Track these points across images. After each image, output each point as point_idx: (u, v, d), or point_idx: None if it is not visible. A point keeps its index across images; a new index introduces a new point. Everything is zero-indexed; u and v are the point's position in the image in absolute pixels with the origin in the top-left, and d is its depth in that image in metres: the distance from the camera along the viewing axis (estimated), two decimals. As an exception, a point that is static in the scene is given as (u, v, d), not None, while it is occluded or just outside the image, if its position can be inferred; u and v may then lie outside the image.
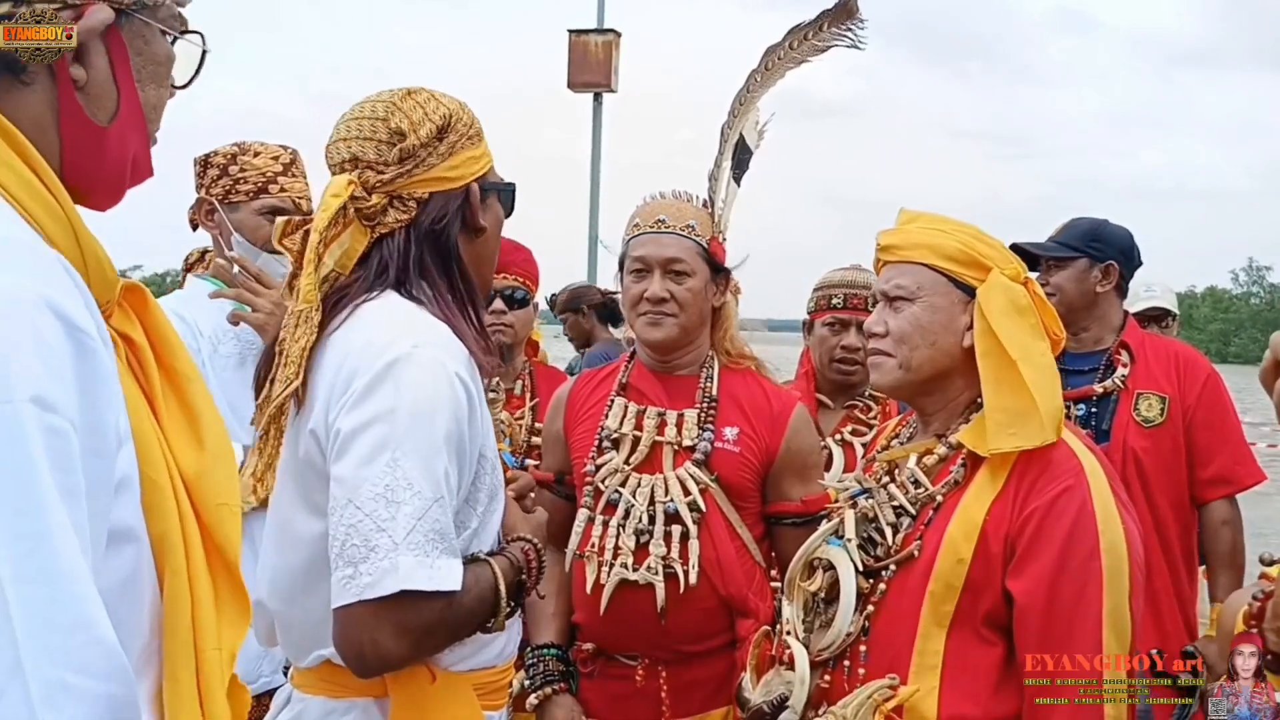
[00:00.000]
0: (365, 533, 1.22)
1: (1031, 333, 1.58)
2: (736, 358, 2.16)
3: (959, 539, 1.51)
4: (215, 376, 2.08)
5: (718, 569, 2.00)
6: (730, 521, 2.05)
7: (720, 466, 2.04)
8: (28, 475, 0.70)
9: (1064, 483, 1.49)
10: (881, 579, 1.59)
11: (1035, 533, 1.47)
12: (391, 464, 1.24)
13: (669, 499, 2.01)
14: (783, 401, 2.13)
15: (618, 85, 18.72)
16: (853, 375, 2.64)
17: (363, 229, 1.42)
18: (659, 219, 2.10)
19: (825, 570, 1.64)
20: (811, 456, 2.17)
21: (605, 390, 2.19)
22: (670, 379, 2.14)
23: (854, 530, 1.63)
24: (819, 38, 2.15)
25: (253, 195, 2.13)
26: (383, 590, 1.21)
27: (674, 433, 2.07)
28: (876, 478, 1.71)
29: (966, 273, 1.62)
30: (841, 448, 2.60)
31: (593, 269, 20.31)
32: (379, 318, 1.38)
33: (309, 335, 1.36)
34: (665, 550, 1.99)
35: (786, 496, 2.09)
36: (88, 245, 0.87)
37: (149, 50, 0.93)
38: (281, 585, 1.44)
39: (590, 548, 2.04)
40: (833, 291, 2.68)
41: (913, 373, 1.63)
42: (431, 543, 1.24)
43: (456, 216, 1.45)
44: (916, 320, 1.62)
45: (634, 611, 1.99)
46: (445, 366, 1.33)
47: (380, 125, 1.41)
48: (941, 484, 1.59)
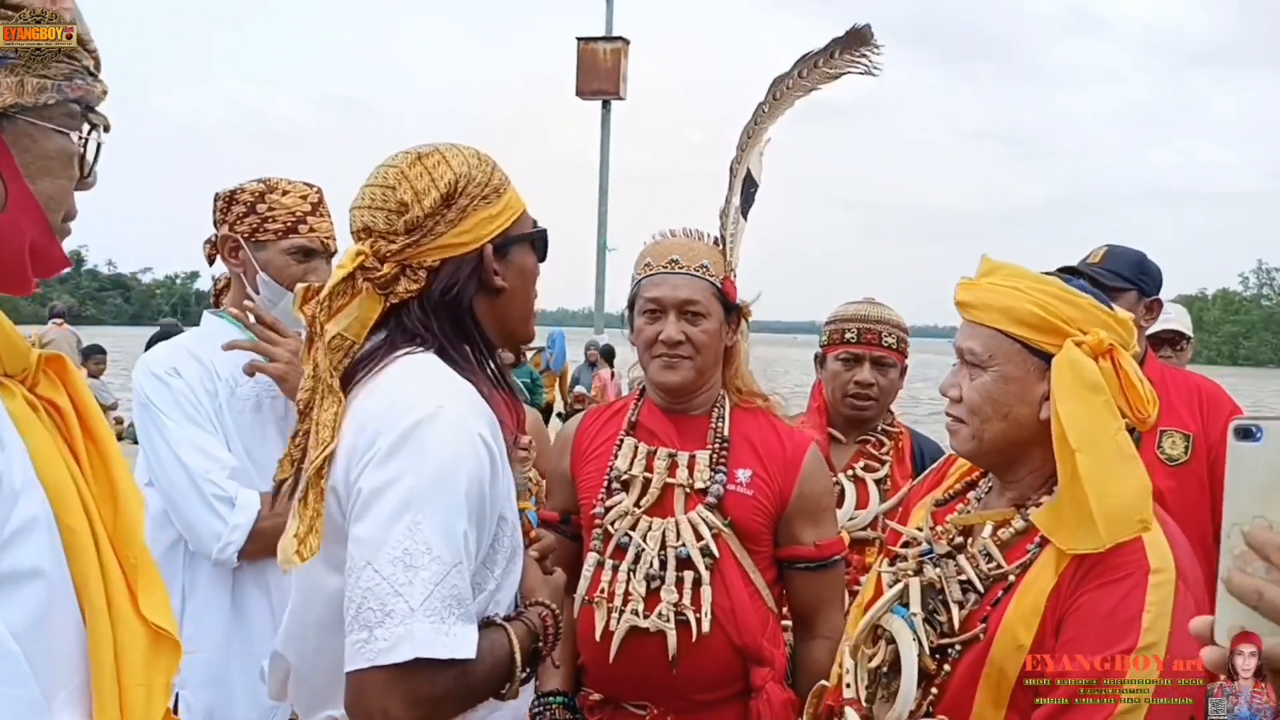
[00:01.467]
0: (382, 596, 1.21)
1: (1102, 411, 1.43)
2: (747, 396, 2.13)
3: (1017, 623, 1.43)
4: (232, 421, 2.04)
5: (731, 616, 1.96)
6: (743, 567, 2.01)
7: (733, 510, 2.00)
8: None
9: (1121, 572, 1.39)
10: (948, 658, 1.51)
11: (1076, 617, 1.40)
12: (411, 527, 1.23)
13: (681, 544, 1.98)
14: (795, 443, 2.09)
15: (626, 92, 18.75)
16: (866, 410, 2.61)
17: (376, 297, 1.41)
18: (672, 259, 2.07)
19: (889, 643, 1.56)
20: (825, 499, 2.13)
21: (614, 429, 2.15)
22: (681, 419, 2.10)
23: (919, 603, 1.55)
24: (830, 65, 2.11)
25: (281, 234, 2.09)
26: (397, 657, 1.20)
27: (685, 475, 2.03)
28: (949, 537, 1.62)
29: (1043, 339, 1.49)
30: (854, 483, 2.57)
31: (601, 275, 20.33)
32: (404, 377, 1.37)
33: (337, 404, 1.36)
34: (677, 597, 1.95)
35: (799, 540, 2.05)
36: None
37: (36, 147, 0.97)
38: (296, 639, 1.44)
39: (599, 593, 2.00)
40: (846, 326, 2.64)
41: (987, 445, 1.54)
42: (448, 608, 1.23)
43: (470, 280, 1.43)
44: (988, 391, 1.53)
45: (644, 659, 1.96)
46: (469, 428, 1.31)
47: (389, 195, 1.40)
48: (1016, 564, 1.50)
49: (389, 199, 1.40)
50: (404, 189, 1.39)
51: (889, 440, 2.64)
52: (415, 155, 1.43)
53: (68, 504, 0.96)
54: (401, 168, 1.42)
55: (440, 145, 1.46)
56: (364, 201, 1.43)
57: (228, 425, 2.04)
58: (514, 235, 1.48)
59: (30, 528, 0.91)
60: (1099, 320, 1.50)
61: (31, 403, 0.98)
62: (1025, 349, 1.50)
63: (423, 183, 1.40)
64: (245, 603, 2.02)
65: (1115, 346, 1.48)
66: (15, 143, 0.95)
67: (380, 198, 1.41)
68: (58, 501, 0.95)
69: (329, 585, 1.34)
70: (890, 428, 2.67)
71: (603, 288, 19.98)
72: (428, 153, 1.43)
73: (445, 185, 1.40)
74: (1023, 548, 1.51)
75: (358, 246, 1.41)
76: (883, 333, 2.62)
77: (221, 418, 2.04)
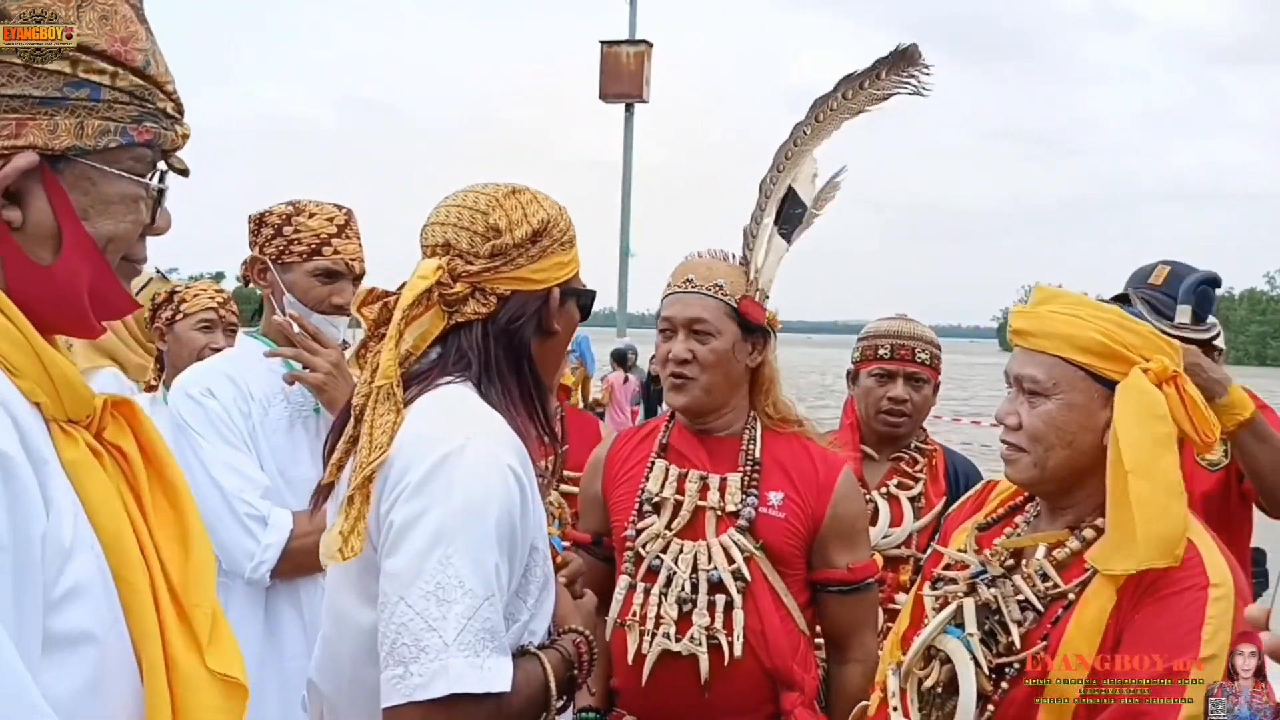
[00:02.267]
0: (416, 632, 1.21)
1: (1159, 443, 1.45)
2: (780, 422, 2.11)
3: (1079, 639, 1.43)
4: (266, 440, 2.06)
5: (762, 640, 1.95)
6: (775, 590, 1.99)
7: (765, 533, 1.99)
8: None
9: (1182, 586, 1.40)
10: (1005, 677, 1.50)
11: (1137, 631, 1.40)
12: (443, 561, 1.23)
13: (712, 567, 1.97)
14: (829, 465, 2.07)
15: (649, 95, 18.77)
16: (899, 427, 2.58)
17: (441, 313, 1.43)
18: (687, 279, 2.07)
19: (943, 663, 1.55)
20: (859, 522, 2.11)
21: (645, 451, 2.14)
22: (711, 440, 2.09)
23: (975, 624, 1.54)
24: (876, 85, 2.09)
25: (306, 256, 2.11)
26: (433, 693, 1.20)
27: (717, 497, 2.02)
28: (1000, 559, 1.61)
29: (1107, 366, 1.50)
30: (887, 501, 2.54)
31: (624, 279, 20.36)
32: (435, 409, 1.37)
33: (396, 413, 1.36)
34: (709, 620, 1.95)
35: (832, 563, 2.03)
36: (53, 368, 0.92)
37: (96, 190, 0.95)
38: (331, 670, 1.44)
39: (632, 616, 2.00)
40: (879, 342, 2.62)
41: (1048, 473, 1.54)
42: (482, 642, 1.23)
43: (533, 318, 1.46)
44: (1051, 419, 1.52)
45: (676, 682, 1.95)
46: (498, 460, 1.31)
47: (479, 218, 1.43)
48: (1075, 582, 1.50)
49: (477, 221, 1.43)
50: (498, 215, 1.43)
51: (922, 457, 2.61)
52: (510, 189, 1.47)
53: (127, 558, 0.94)
54: (496, 196, 1.45)
55: (530, 187, 1.50)
56: (447, 219, 1.45)
57: (261, 445, 2.06)
58: (573, 287, 1.52)
59: (83, 589, 0.89)
60: (1159, 347, 1.51)
61: (95, 449, 0.95)
62: (1089, 376, 1.51)
63: (517, 214, 1.44)
64: (278, 622, 2.03)
65: (1179, 373, 1.50)
66: (74, 185, 0.94)
67: (468, 219, 1.43)
68: (115, 556, 0.93)
69: (361, 618, 1.34)
70: (924, 445, 2.64)
71: (625, 289, 20.00)
72: (521, 189, 1.48)
73: (537, 222, 1.44)
74: (1079, 567, 1.50)
75: (436, 261, 1.42)
76: (916, 349, 2.59)
77: (255, 438, 2.06)
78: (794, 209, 2.13)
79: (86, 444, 0.95)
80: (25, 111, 0.90)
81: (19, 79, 0.90)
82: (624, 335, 16.88)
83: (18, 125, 0.90)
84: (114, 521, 0.93)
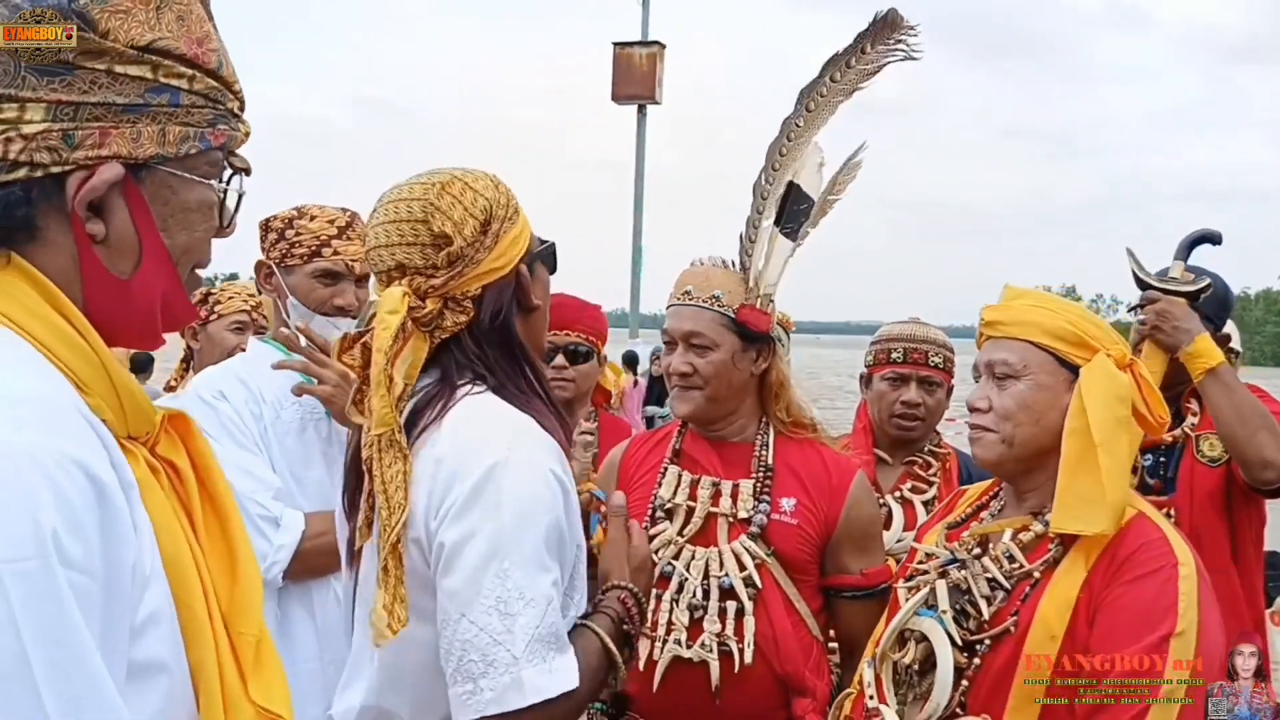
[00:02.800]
0: (482, 647, 1.22)
1: (1121, 424, 1.57)
2: (793, 427, 2.09)
3: (1051, 616, 1.51)
4: (277, 443, 2.07)
5: (774, 647, 1.94)
6: (787, 596, 1.98)
7: (777, 539, 1.98)
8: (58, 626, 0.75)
9: (1153, 566, 1.48)
10: (976, 653, 1.57)
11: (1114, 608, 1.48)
12: (501, 575, 1.23)
13: (724, 574, 1.96)
14: (842, 470, 2.06)
15: (662, 97, 18.76)
16: (913, 431, 2.58)
17: (422, 336, 1.37)
18: (685, 290, 2.06)
19: (918, 642, 1.62)
20: (873, 527, 2.10)
21: (659, 456, 2.14)
22: (724, 446, 2.08)
23: (947, 601, 1.61)
24: (865, 60, 2.04)
25: (306, 259, 2.12)
26: (507, 706, 1.21)
27: (729, 504, 2.01)
28: (967, 548, 1.68)
29: (1073, 352, 1.63)
30: (901, 505, 2.54)
31: (636, 280, 20.37)
32: (470, 421, 1.33)
33: (403, 461, 1.31)
34: (720, 627, 1.94)
35: (846, 569, 2.02)
36: (122, 385, 0.89)
37: (176, 199, 0.93)
38: (397, 689, 1.39)
39: (643, 623, 1.99)
40: (892, 345, 2.61)
41: (1016, 449, 1.64)
42: (548, 647, 1.24)
43: (512, 302, 1.41)
44: (1022, 398, 1.63)
45: (687, 689, 1.94)
46: (541, 466, 1.30)
47: (422, 229, 1.35)
48: (1039, 561, 1.59)
49: (421, 232, 1.35)
50: (439, 220, 1.35)
51: (936, 461, 2.61)
52: (438, 185, 1.37)
53: (187, 583, 0.90)
54: (428, 200, 1.36)
55: (453, 171, 1.41)
56: (390, 239, 1.37)
57: (273, 448, 2.07)
58: (535, 252, 1.47)
59: (157, 616, 0.86)
60: (1115, 340, 1.66)
61: (152, 465, 0.93)
62: (1056, 360, 1.63)
63: (458, 212, 1.35)
64: (291, 623, 2.03)
65: (1135, 360, 1.65)
66: (155, 195, 0.92)
67: (410, 233, 1.35)
68: (177, 580, 0.89)
69: (420, 635, 1.30)
70: (937, 448, 2.64)
71: (637, 290, 20.01)
72: (448, 181, 1.38)
73: (481, 212, 1.37)
74: (1044, 549, 1.59)
75: (399, 289, 1.34)
76: (929, 352, 2.59)
77: (267, 440, 2.06)
78: (797, 205, 2.08)
79: (145, 460, 0.92)
80: (108, 120, 0.88)
81: (101, 86, 0.87)
82: (636, 336, 16.89)
83: (101, 134, 0.87)
84: (175, 544, 0.90)
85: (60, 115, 0.86)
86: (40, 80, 0.85)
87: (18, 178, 0.85)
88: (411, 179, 1.40)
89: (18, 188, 0.86)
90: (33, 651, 0.73)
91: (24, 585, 0.74)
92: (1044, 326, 1.64)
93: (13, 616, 0.73)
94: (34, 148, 0.85)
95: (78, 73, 0.86)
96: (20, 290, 0.86)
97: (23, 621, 0.73)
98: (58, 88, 0.86)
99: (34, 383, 0.82)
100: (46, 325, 0.86)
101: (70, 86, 0.86)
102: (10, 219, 0.86)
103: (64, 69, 0.86)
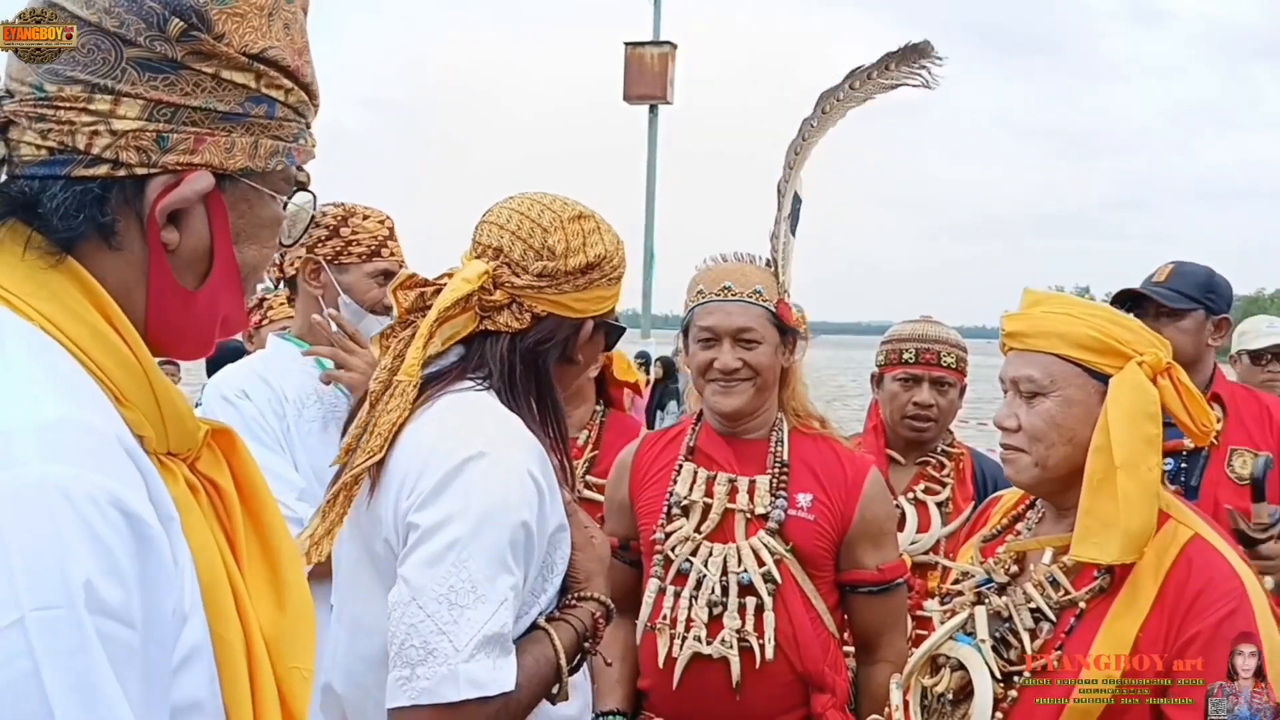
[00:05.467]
0: (425, 634, 1.22)
1: (1148, 443, 1.46)
2: (805, 420, 2.12)
3: (1108, 656, 1.43)
4: (300, 442, 2.09)
5: (793, 643, 1.96)
6: (805, 592, 2.00)
7: (794, 535, 2.00)
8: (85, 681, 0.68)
9: (1228, 606, 1.39)
10: (1014, 684, 1.50)
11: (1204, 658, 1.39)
12: (457, 565, 1.24)
13: (743, 570, 1.98)
14: (856, 466, 2.08)
15: (674, 96, 18.76)
16: (925, 432, 2.58)
17: (474, 316, 1.43)
18: (724, 285, 2.07)
19: (954, 670, 1.56)
20: (888, 523, 2.12)
21: (672, 454, 2.16)
22: (740, 443, 2.10)
23: (986, 630, 1.55)
24: (885, 76, 2.09)
25: (366, 258, 2.16)
26: (440, 698, 1.21)
27: (746, 500, 2.03)
28: (1004, 567, 1.62)
29: (1102, 361, 1.51)
30: (914, 506, 2.55)
31: (648, 281, 20.35)
32: (457, 412, 1.38)
33: (401, 411, 1.36)
34: (740, 623, 1.96)
35: (861, 564, 2.04)
36: (165, 399, 0.83)
37: (252, 213, 0.90)
38: (355, 673, 1.44)
39: (662, 619, 2.01)
40: (903, 345, 2.62)
41: (1050, 471, 1.55)
42: (491, 644, 1.24)
43: (560, 344, 1.47)
44: (1051, 417, 1.53)
45: (707, 685, 1.97)
46: (517, 465, 1.32)
47: (539, 233, 1.43)
48: (1085, 590, 1.50)
49: (535, 236, 1.42)
50: (557, 237, 1.42)
51: (949, 461, 2.61)
52: (578, 213, 1.46)
53: (223, 614, 0.83)
54: (561, 217, 1.44)
55: (596, 213, 1.50)
56: (507, 222, 1.44)
57: (295, 447, 2.08)
58: (606, 320, 1.53)
59: (195, 653, 0.79)
60: (1150, 341, 1.54)
61: (191, 484, 0.85)
62: (1085, 372, 1.52)
63: (576, 242, 1.43)
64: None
65: (1173, 364, 1.52)
66: (233, 206, 0.87)
67: (527, 230, 1.43)
68: (212, 611, 0.82)
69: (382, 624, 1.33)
70: (950, 448, 2.64)
71: (649, 291, 20.00)
72: (588, 215, 1.47)
73: (594, 255, 1.45)
74: (1088, 574, 1.50)
75: (484, 265, 1.42)
76: (941, 352, 2.59)
77: (289, 439, 2.08)
78: (795, 205, 2.15)
79: (184, 478, 0.85)
80: (205, 126, 0.83)
81: (205, 90, 0.83)
82: (648, 337, 16.90)
83: (195, 141, 0.83)
84: (210, 571, 0.83)
85: (157, 115, 0.81)
86: (141, 75, 0.80)
87: (98, 174, 0.80)
88: (563, 196, 1.49)
89: (96, 185, 0.80)
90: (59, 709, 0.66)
91: (51, 636, 0.66)
92: (1068, 337, 1.53)
93: (37, 669, 0.66)
94: (121, 145, 0.80)
95: (183, 73, 0.82)
96: (66, 291, 0.80)
97: (48, 677, 0.66)
98: (159, 86, 0.81)
99: (67, 406, 0.75)
100: (88, 329, 0.80)
101: (173, 87, 0.81)
102: (83, 219, 0.80)
103: (169, 67, 0.81)
